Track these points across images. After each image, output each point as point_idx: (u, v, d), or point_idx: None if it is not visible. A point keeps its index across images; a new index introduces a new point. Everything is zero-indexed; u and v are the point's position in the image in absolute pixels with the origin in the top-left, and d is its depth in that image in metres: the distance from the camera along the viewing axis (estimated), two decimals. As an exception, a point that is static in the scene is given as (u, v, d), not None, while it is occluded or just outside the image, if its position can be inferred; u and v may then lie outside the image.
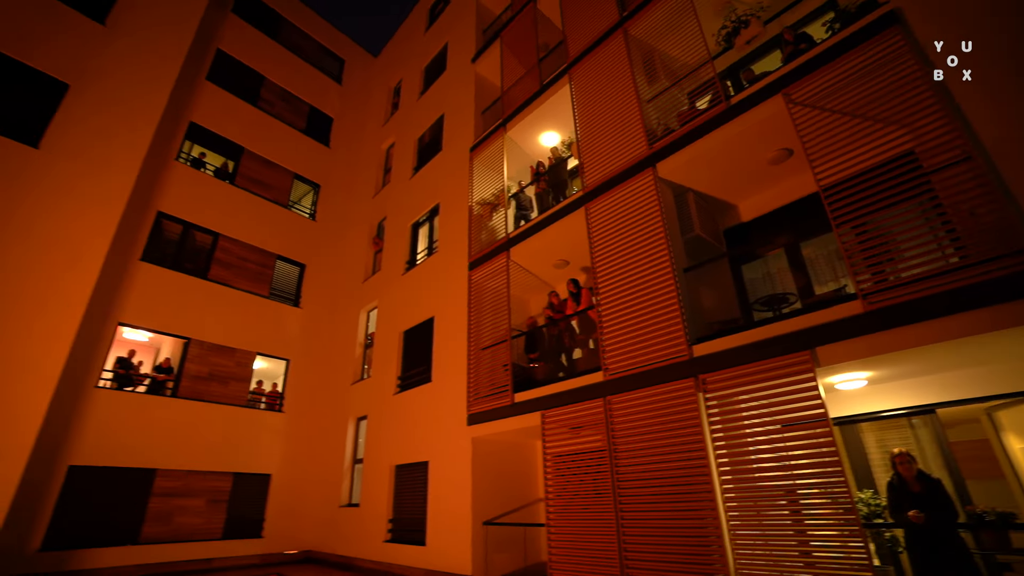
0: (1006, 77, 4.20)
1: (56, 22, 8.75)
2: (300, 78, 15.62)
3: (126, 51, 9.59)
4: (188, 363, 10.87)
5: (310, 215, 14.45)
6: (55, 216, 7.89)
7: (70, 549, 8.64)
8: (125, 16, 9.84)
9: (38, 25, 8.51)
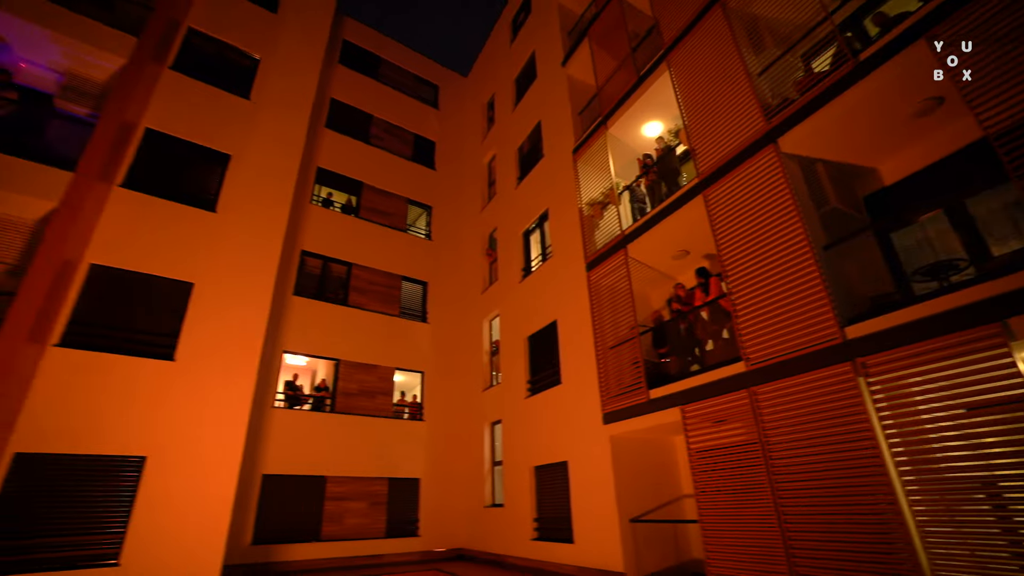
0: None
1: (217, 104, 10.41)
2: (402, 110, 16.83)
3: (266, 118, 11.11)
4: (340, 381, 12.23)
5: (426, 235, 15.51)
6: (234, 265, 9.38)
7: (271, 544, 10.12)
8: (262, 89, 11.38)
9: (204, 109, 10.19)
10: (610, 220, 9.23)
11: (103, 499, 7.27)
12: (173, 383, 8.17)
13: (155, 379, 8.04)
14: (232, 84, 10.93)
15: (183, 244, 8.96)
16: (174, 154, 9.58)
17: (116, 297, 8.11)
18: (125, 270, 8.28)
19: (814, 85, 6.00)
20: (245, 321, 9.19)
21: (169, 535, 7.51)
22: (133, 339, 8.10)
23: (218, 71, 10.92)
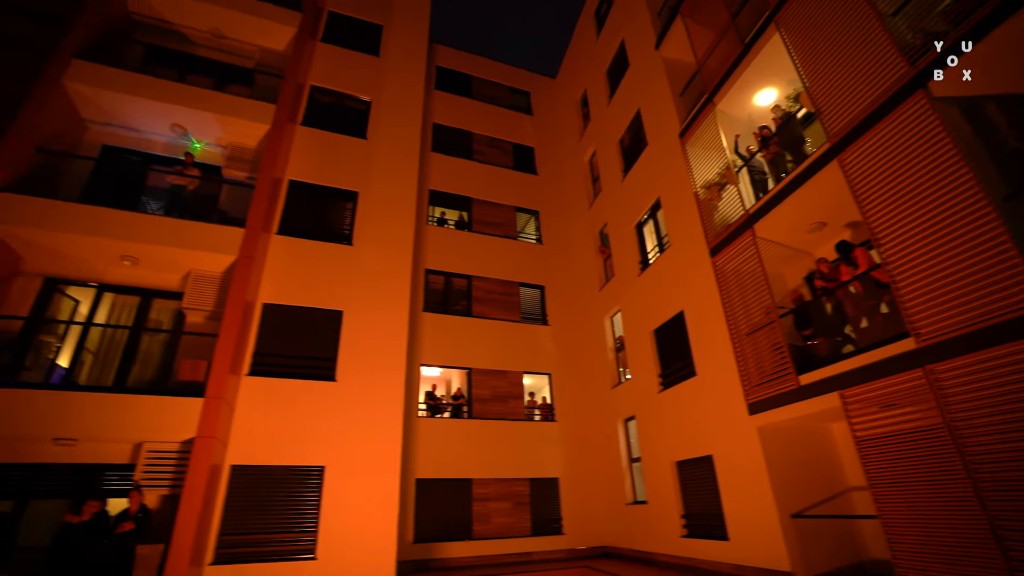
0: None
1: (341, 148, 11.66)
2: (498, 122, 17.39)
3: (382, 153, 12.17)
4: (474, 388, 12.93)
5: (536, 240, 15.86)
6: (373, 290, 10.44)
7: (430, 542, 10.98)
8: (376, 127, 12.50)
9: (331, 155, 11.49)
10: (730, 201, 8.75)
11: (298, 503, 8.48)
12: (337, 400, 9.28)
13: (323, 398, 9.20)
14: (351, 128, 12.15)
15: (330, 277, 10.15)
16: (313, 199, 10.90)
17: (285, 330, 9.43)
18: (289, 305, 9.59)
19: (975, 9, 5.19)
20: (388, 340, 10.14)
21: (351, 534, 8.53)
22: (302, 365, 9.35)
23: (338, 119, 12.21)
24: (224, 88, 11.06)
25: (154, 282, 8.97)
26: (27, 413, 7.06)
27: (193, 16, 11.09)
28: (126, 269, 8.72)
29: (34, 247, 8.16)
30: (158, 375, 8.57)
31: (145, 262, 8.62)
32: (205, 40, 11.53)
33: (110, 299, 8.86)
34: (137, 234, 8.25)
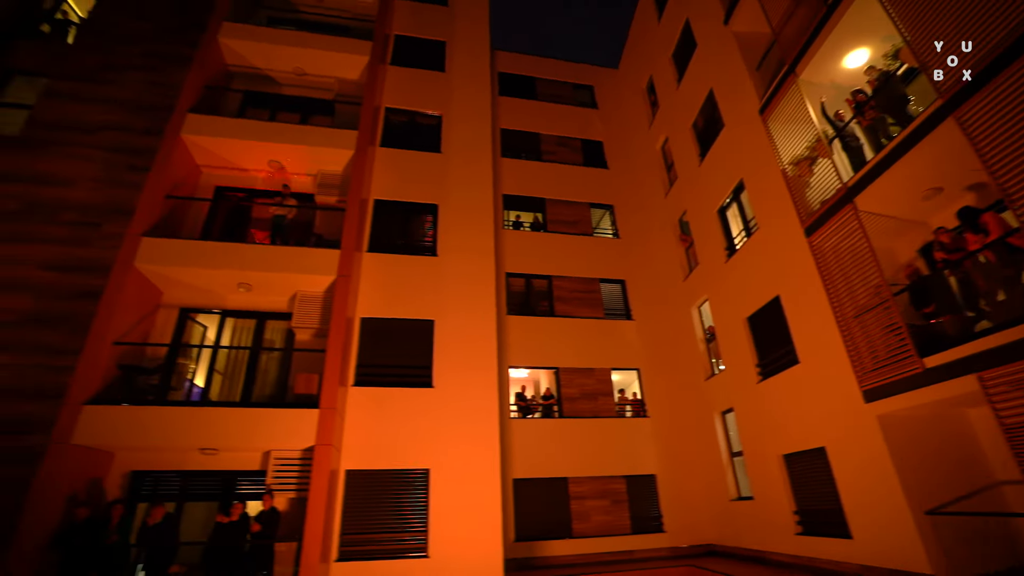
0: None
1: (418, 163, 12.21)
2: (565, 120, 17.35)
3: (457, 164, 12.57)
4: (563, 388, 12.99)
5: (613, 234, 15.64)
6: (460, 298, 10.83)
7: (531, 540, 11.18)
8: (448, 139, 12.95)
9: (410, 171, 12.06)
10: (824, 175, 8.16)
11: (408, 504, 8.99)
12: (436, 406, 9.73)
13: (422, 404, 9.68)
14: (425, 143, 12.67)
15: (419, 288, 10.65)
16: (397, 215, 11.49)
17: (383, 341, 10.03)
18: (384, 318, 10.19)
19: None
20: (478, 344, 10.47)
21: (459, 533, 8.90)
22: (401, 373, 9.90)
23: (413, 136, 12.78)
24: (309, 120, 11.96)
25: (266, 305, 9.88)
26: (176, 427, 8.04)
27: (278, 60, 12.08)
28: (243, 295, 9.69)
29: (170, 282, 9.29)
30: (276, 389, 9.43)
31: (258, 288, 9.53)
32: (289, 80, 12.52)
33: (231, 323, 9.89)
34: (249, 263, 9.14)
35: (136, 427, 7.90)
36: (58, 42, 12.16)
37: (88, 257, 9.74)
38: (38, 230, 9.76)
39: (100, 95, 11.37)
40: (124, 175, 10.51)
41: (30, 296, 9.27)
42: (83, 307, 9.29)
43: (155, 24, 12.74)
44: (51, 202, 10.02)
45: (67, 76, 11.49)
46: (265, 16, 13.75)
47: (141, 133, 11.07)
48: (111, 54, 12.02)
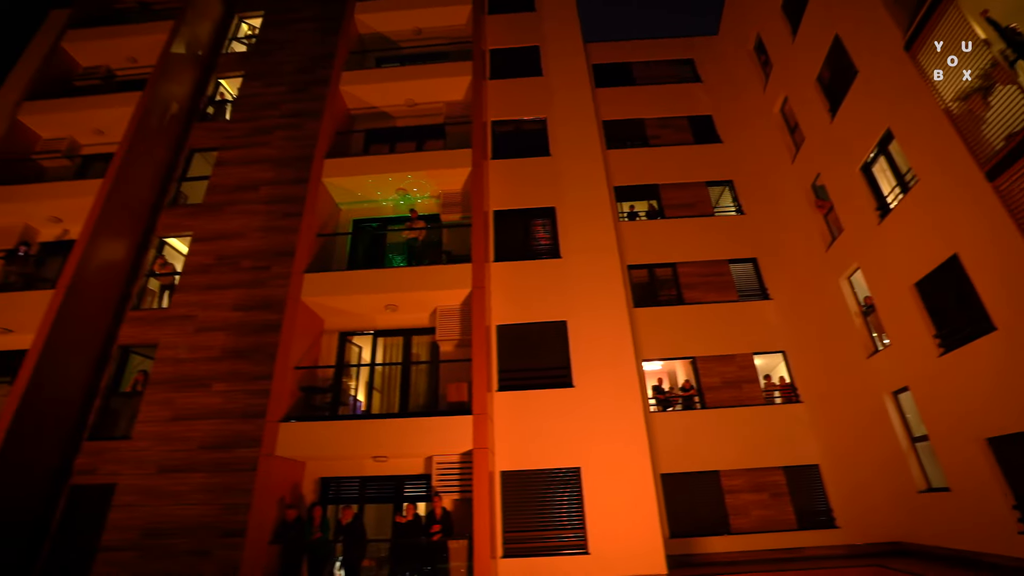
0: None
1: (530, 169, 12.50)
2: (667, 100, 16.67)
3: (567, 164, 12.62)
4: (702, 377, 12.45)
5: (736, 211, 14.69)
6: (589, 295, 10.88)
7: (687, 537, 10.85)
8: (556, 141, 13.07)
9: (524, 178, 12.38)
10: (1007, 104, 6.93)
11: (562, 502, 9.21)
12: (578, 405, 9.85)
13: (565, 404, 9.86)
14: (534, 149, 12.91)
15: (547, 291, 10.87)
16: (517, 223, 11.84)
17: (519, 346, 10.40)
18: (518, 324, 10.55)
19: None
20: (613, 340, 10.43)
21: (617, 529, 8.92)
22: (540, 376, 10.18)
23: (521, 144, 13.08)
24: (424, 146, 12.81)
25: (411, 322, 10.75)
26: (349, 438, 9.06)
27: (391, 96, 13.12)
28: (390, 315, 10.63)
29: (329, 310, 10.50)
30: (428, 399, 10.20)
31: (402, 307, 10.41)
32: (402, 112, 13.53)
33: (382, 342, 10.90)
34: (392, 286, 10.02)
35: (318, 439, 9.04)
36: (220, 119, 14.35)
37: (264, 296, 11.36)
38: (226, 278, 11.60)
39: (256, 156, 13.23)
40: (282, 222, 12.12)
41: (226, 334, 11.04)
42: (266, 339, 10.85)
43: (287, 86, 14.52)
44: (233, 253, 11.85)
45: (230, 146, 13.53)
46: (373, 59, 14.99)
47: (291, 183, 12.69)
48: (259, 120, 13.92)
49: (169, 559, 9.39)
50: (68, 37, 14.98)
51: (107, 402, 11.00)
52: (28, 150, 13.64)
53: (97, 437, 10.60)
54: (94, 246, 11.12)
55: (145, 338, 11.42)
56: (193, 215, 12.69)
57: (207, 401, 10.44)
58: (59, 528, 9.88)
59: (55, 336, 10.10)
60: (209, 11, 15.87)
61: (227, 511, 9.62)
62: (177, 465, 9.99)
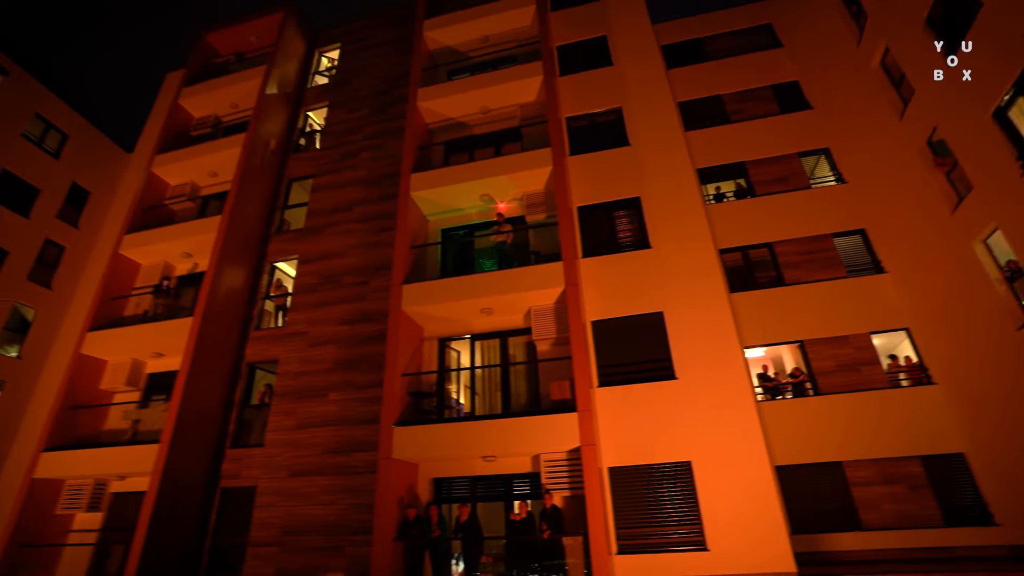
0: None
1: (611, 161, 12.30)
2: (746, 71, 15.74)
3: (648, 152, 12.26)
4: (813, 362, 11.59)
5: (836, 180, 13.54)
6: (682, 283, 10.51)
7: (810, 533, 10.15)
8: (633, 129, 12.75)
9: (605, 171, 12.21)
10: None
11: (675, 497, 8.96)
12: (683, 397, 9.55)
13: (669, 396, 9.60)
14: (612, 140, 12.69)
15: (640, 283, 10.64)
16: (602, 217, 11.71)
17: (616, 341, 10.26)
18: (613, 318, 10.42)
19: None
20: (714, 328, 10.01)
21: (736, 526, 8.53)
22: (641, 369, 9.97)
23: (598, 136, 12.93)
24: (501, 151, 13.03)
25: (506, 324, 10.97)
26: (457, 439, 9.40)
27: (465, 106, 13.48)
28: (485, 319, 10.92)
29: (427, 318, 10.99)
30: (529, 399, 10.35)
31: (497, 310, 10.65)
32: (477, 120, 13.85)
33: (479, 345, 11.20)
34: (485, 290, 10.28)
35: (429, 442, 9.48)
36: (312, 149, 15.49)
37: (366, 309, 12.11)
38: (331, 295, 12.50)
39: (346, 179, 14.14)
40: (376, 237, 12.86)
41: (335, 347, 11.88)
42: (371, 349, 11.55)
43: (368, 109, 15.38)
44: (335, 271, 12.75)
45: (323, 172, 14.58)
46: (444, 73, 15.49)
47: (380, 200, 13.43)
48: (346, 145, 14.87)
49: (306, 554, 10.26)
50: (183, 95, 16.89)
51: (241, 413, 12.25)
52: (162, 197, 15.55)
53: (237, 445, 11.83)
54: (219, 275, 12.43)
55: (267, 355, 12.59)
56: (297, 239, 13.81)
57: (325, 409, 11.31)
58: (215, 525, 11.14)
59: (197, 357, 11.41)
60: (293, 52, 17.19)
61: (352, 510, 10.35)
62: (305, 469, 10.90)
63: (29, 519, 11.13)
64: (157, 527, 10.01)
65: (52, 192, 21.07)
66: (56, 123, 21.83)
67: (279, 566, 10.33)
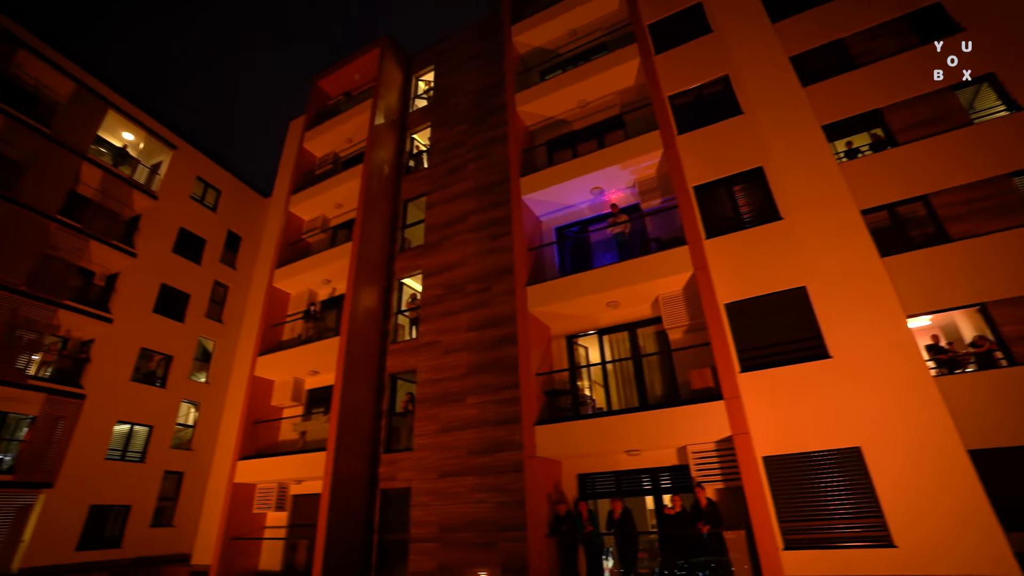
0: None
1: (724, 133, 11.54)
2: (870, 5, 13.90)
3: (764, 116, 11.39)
4: (1002, 326, 9.92)
5: (1007, 108, 11.47)
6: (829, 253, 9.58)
7: (1018, 531, 8.66)
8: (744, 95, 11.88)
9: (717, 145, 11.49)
10: None
11: (845, 487, 8.15)
12: (840, 376, 8.66)
13: (823, 377, 8.76)
14: (722, 111, 11.92)
15: (774, 257, 9.85)
16: (722, 193, 11.04)
17: (755, 322, 9.59)
18: (748, 299, 9.75)
19: None
20: (868, 297, 9.02)
21: (928, 519, 7.57)
22: (786, 350, 9.23)
23: (707, 110, 12.21)
24: (605, 141, 12.82)
25: (633, 316, 10.78)
26: (599, 435, 9.38)
27: (563, 103, 13.48)
28: (611, 312, 10.82)
29: (552, 317, 11.13)
30: (667, 390, 10.05)
31: (623, 302, 10.50)
32: (576, 115, 13.78)
33: (608, 340, 11.12)
34: (608, 283, 10.17)
35: (571, 439, 9.57)
36: (420, 169, 16.44)
37: (490, 314, 12.57)
38: (456, 303, 13.16)
39: (457, 192, 14.81)
40: (492, 243, 13.31)
41: (467, 353, 12.47)
42: (501, 352, 11.95)
43: (468, 122, 15.98)
44: (458, 281, 13.40)
45: (434, 189, 15.41)
46: (537, 74, 15.62)
47: (491, 208, 13.89)
48: (452, 160, 15.58)
49: (463, 549, 10.88)
50: (305, 139, 18.83)
51: (390, 421, 13.33)
52: (299, 232, 17.46)
53: (389, 450, 12.90)
54: (356, 296, 13.65)
55: (405, 365, 13.57)
56: (419, 255, 14.74)
57: (464, 413, 11.93)
58: (379, 523, 12.23)
59: (347, 371, 12.62)
60: (393, 82, 18.38)
61: (500, 508, 10.79)
62: (453, 469, 11.58)
63: (234, 517, 13.05)
64: (334, 523, 11.23)
65: (214, 241, 24.60)
66: (212, 182, 25.46)
67: (440, 561, 11.06)
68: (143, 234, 21.26)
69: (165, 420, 20.85)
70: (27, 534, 15.87)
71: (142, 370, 20.51)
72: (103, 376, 18.84)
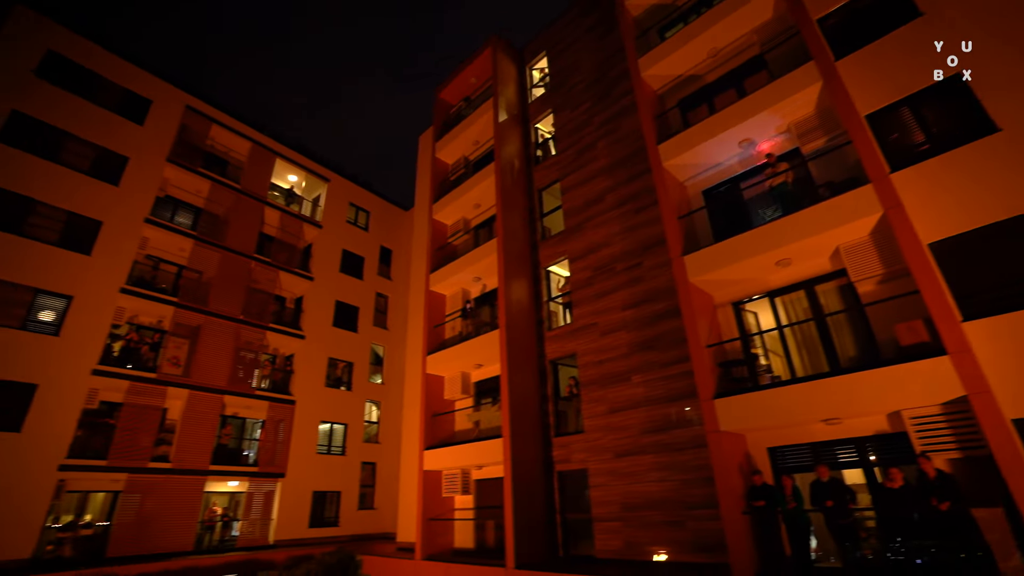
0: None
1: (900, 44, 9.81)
2: None
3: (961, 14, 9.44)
4: None
5: None
6: None
7: None
8: None
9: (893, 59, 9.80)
10: None
11: None
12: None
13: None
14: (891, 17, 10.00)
15: (993, 178, 8.01)
16: (907, 114, 9.33)
17: (973, 261, 8.00)
18: (959, 234, 8.10)
19: None
20: None
21: None
22: None
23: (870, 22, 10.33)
24: (744, 89, 11.65)
25: (807, 273, 9.71)
26: (786, 404, 8.63)
27: (690, 57, 12.53)
28: (781, 272, 9.88)
29: (714, 284, 10.49)
30: (860, 350, 8.92)
31: (795, 259, 9.52)
32: (707, 66, 12.73)
33: (780, 302, 10.19)
34: (775, 241, 9.27)
35: (755, 411, 8.95)
36: (549, 157, 16.56)
37: (645, 290, 12.26)
38: (607, 284, 13.09)
39: (590, 173, 14.65)
40: (635, 218, 12.95)
41: (626, 332, 12.33)
42: (662, 327, 11.61)
43: (590, 100, 15.66)
44: (605, 261, 13.29)
45: (566, 173, 15.41)
46: (655, 33, 14.73)
47: (627, 182, 13.51)
48: (580, 141, 15.42)
49: (649, 528, 10.83)
50: (436, 149, 20.06)
51: (556, 406, 13.73)
52: (444, 237, 18.72)
53: (560, 434, 13.30)
54: (508, 289, 14.23)
55: (564, 351, 13.84)
56: (562, 241, 14.88)
57: (632, 392, 11.81)
58: (560, 503, 12.71)
59: (510, 361, 13.24)
60: (509, 76, 18.68)
61: (683, 486, 10.51)
62: (628, 450, 11.56)
63: (428, 500, 14.52)
64: (518, 504, 11.90)
65: (370, 257, 27.39)
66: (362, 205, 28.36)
67: (626, 539, 11.15)
68: (315, 259, 24.55)
69: (356, 418, 23.97)
70: (274, 514, 19.40)
71: (331, 376, 23.75)
72: (304, 384, 22.19)
